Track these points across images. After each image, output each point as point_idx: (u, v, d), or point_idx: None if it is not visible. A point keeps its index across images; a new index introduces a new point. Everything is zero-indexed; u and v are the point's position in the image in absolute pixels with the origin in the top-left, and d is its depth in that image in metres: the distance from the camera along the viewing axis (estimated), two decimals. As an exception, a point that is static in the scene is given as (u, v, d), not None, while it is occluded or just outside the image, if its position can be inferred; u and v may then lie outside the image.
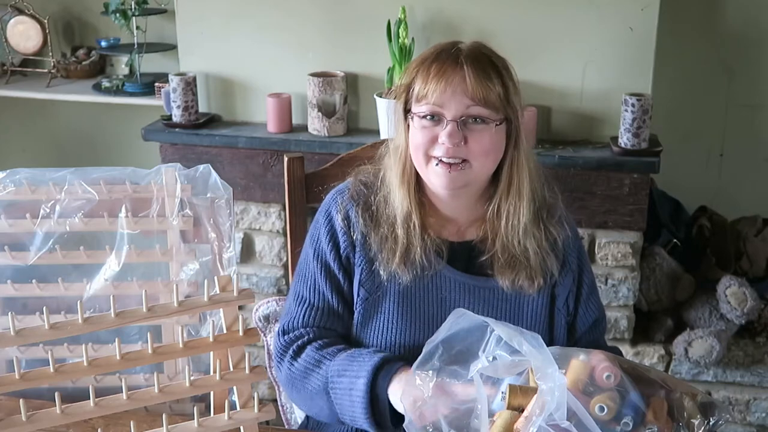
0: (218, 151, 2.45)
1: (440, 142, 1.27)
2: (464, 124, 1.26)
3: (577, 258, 1.40)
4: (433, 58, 1.29)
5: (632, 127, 2.22)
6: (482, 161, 1.29)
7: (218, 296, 1.03)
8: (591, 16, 2.26)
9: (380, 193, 1.37)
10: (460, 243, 1.37)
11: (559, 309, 1.38)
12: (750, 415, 2.42)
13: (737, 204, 2.70)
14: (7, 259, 1.47)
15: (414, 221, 1.33)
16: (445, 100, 1.26)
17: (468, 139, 1.27)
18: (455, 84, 1.26)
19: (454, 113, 1.26)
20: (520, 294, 1.35)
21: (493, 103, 1.26)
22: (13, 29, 3.08)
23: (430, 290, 1.34)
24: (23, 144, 3.36)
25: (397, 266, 1.32)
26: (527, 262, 1.34)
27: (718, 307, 2.36)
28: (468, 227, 1.38)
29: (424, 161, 1.30)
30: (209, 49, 2.51)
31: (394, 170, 1.35)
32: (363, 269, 1.35)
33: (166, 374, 1.56)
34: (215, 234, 1.50)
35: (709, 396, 1.07)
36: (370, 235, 1.35)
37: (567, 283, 1.38)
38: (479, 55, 1.29)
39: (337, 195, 1.41)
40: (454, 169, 1.27)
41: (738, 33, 2.67)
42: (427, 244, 1.33)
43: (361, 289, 1.35)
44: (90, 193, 1.47)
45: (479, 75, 1.26)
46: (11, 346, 0.97)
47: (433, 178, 1.30)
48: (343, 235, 1.37)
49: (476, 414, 0.99)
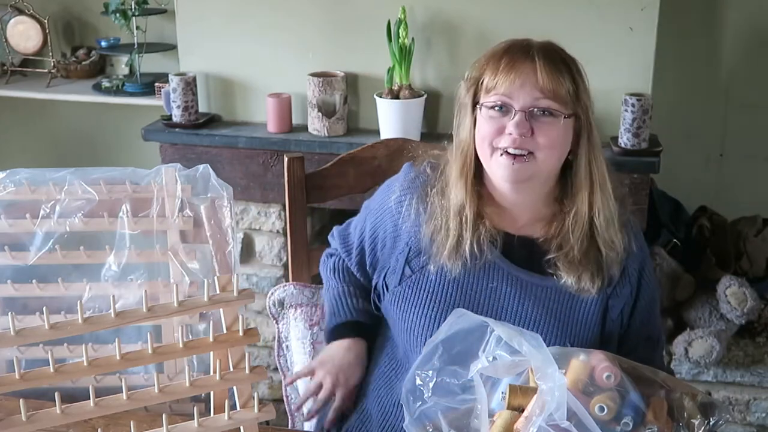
0: (218, 151, 2.45)
1: (507, 132, 1.26)
2: (532, 116, 1.26)
3: (638, 270, 1.36)
4: (503, 51, 1.29)
5: (632, 127, 2.22)
6: (547, 154, 1.27)
7: (218, 296, 1.03)
8: (591, 16, 2.26)
9: (437, 185, 1.37)
10: (519, 237, 1.35)
11: (612, 320, 1.34)
12: (750, 415, 2.42)
13: (737, 204, 2.69)
14: (7, 259, 1.47)
15: (467, 213, 1.32)
16: (514, 91, 1.26)
17: (535, 131, 1.26)
18: (525, 75, 1.25)
19: (523, 104, 1.25)
20: (574, 298, 1.31)
21: (563, 97, 1.26)
22: (13, 29, 3.08)
23: (480, 279, 1.33)
24: (23, 144, 3.36)
25: (446, 259, 1.32)
26: (599, 258, 1.31)
27: (718, 307, 2.36)
28: (531, 224, 1.36)
29: (489, 152, 1.29)
30: (209, 49, 2.51)
31: (454, 164, 1.35)
32: (411, 249, 1.36)
33: (166, 374, 1.56)
34: (215, 234, 1.50)
35: (709, 396, 1.07)
36: (421, 226, 1.36)
37: (624, 295, 1.34)
38: (551, 50, 1.29)
39: (407, 173, 1.43)
40: (518, 161, 1.26)
41: (738, 33, 2.67)
42: (481, 233, 1.31)
43: (407, 266, 1.36)
44: (90, 193, 1.46)
45: (550, 68, 1.26)
46: (11, 346, 0.97)
47: (496, 169, 1.29)
48: (396, 212, 1.40)
49: (476, 414, 0.99)
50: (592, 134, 1.31)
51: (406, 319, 1.35)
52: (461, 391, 1.04)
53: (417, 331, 1.34)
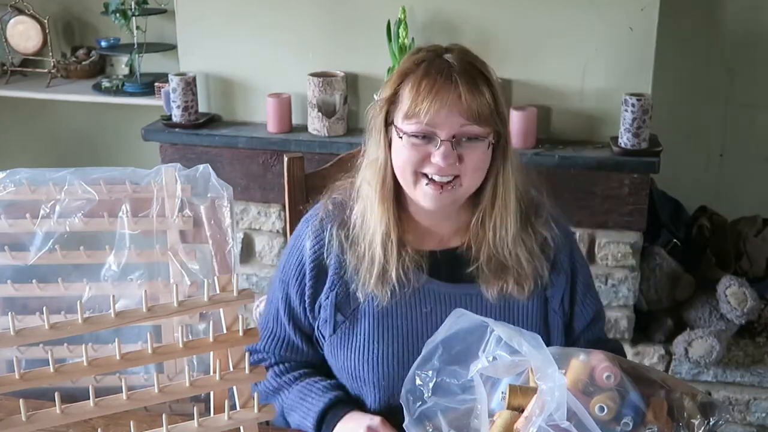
0: (218, 151, 2.45)
1: (433, 161, 1.23)
2: (458, 143, 1.23)
3: (569, 256, 1.37)
4: (422, 74, 1.23)
5: (632, 127, 2.22)
6: (472, 176, 1.26)
7: (218, 296, 1.03)
8: (591, 16, 2.26)
9: (357, 208, 1.33)
10: (443, 251, 1.34)
11: (554, 311, 1.35)
12: (750, 415, 2.42)
13: (737, 204, 2.70)
14: (7, 259, 1.47)
15: (393, 239, 1.29)
16: (439, 121, 1.22)
17: (461, 157, 1.23)
18: (449, 103, 1.21)
19: (448, 133, 1.22)
20: (509, 300, 1.32)
21: (486, 118, 1.23)
22: (13, 29, 3.08)
23: (413, 306, 1.31)
24: (23, 144, 3.36)
25: (374, 287, 1.29)
26: (518, 268, 1.30)
27: (718, 307, 2.36)
28: (452, 236, 1.35)
29: (413, 179, 1.26)
30: (209, 49, 2.51)
31: (373, 185, 1.30)
32: (339, 293, 1.32)
33: (166, 374, 1.55)
34: (215, 234, 1.50)
35: (709, 396, 1.07)
36: (346, 256, 1.32)
37: (560, 284, 1.35)
38: (468, 67, 1.24)
39: (307, 223, 1.38)
40: (445, 189, 1.24)
41: (738, 33, 2.67)
42: (405, 261, 1.29)
43: (338, 314, 1.32)
44: (90, 193, 1.46)
45: (471, 89, 1.22)
46: (11, 346, 0.97)
47: (422, 198, 1.26)
48: (311, 268, 1.34)
49: (476, 414, 0.99)
50: (507, 148, 1.29)
51: (348, 366, 1.33)
52: (461, 391, 1.04)
53: (362, 375, 1.32)
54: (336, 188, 1.39)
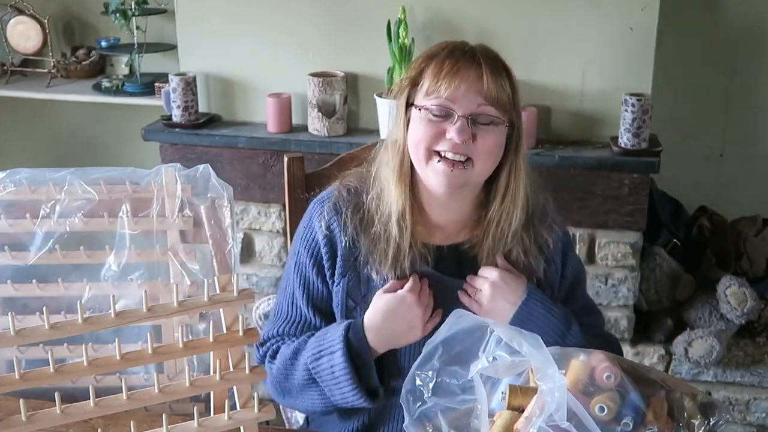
0: (218, 151, 2.45)
1: (447, 137, 1.25)
2: (474, 122, 1.25)
3: (561, 253, 1.40)
4: (446, 54, 1.27)
5: (632, 127, 2.22)
6: (484, 160, 1.27)
7: (218, 296, 1.03)
8: (591, 16, 2.26)
9: (373, 191, 1.34)
10: (449, 246, 1.35)
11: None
12: (750, 415, 2.42)
13: (737, 204, 2.70)
14: (7, 259, 1.47)
15: (408, 222, 1.30)
16: (457, 96, 1.24)
17: (475, 137, 1.25)
18: (470, 81, 1.24)
19: (465, 110, 1.24)
20: None
21: (504, 104, 1.26)
22: (13, 29, 3.08)
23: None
24: (23, 144, 3.36)
25: (389, 269, 1.30)
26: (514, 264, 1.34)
27: (718, 307, 2.36)
28: (458, 231, 1.36)
29: (425, 157, 1.27)
30: (209, 49, 2.51)
31: (391, 165, 1.32)
32: (350, 279, 1.34)
33: (166, 374, 1.56)
34: (215, 234, 1.50)
35: (709, 396, 1.06)
36: (360, 239, 1.32)
37: (552, 276, 1.38)
38: (493, 56, 1.28)
39: (319, 204, 1.38)
40: (456, 167, 1.25)
41: (738, 33, 2.67)
42: (414, 252, 1.31)
43: (349, 299, 1.33)
44: (90, 193, 1.46)
45: (494, 74, 1.25)
46: (11, 346, 0.97)
47: (432, 176, 1.27)
48: (325, 246, 1.35)
49: (476, 414, 0.99)
50: (520, 142, 1.31)
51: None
52: (461, 391, 1.04)
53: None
54: (349, 175, 1.40)
